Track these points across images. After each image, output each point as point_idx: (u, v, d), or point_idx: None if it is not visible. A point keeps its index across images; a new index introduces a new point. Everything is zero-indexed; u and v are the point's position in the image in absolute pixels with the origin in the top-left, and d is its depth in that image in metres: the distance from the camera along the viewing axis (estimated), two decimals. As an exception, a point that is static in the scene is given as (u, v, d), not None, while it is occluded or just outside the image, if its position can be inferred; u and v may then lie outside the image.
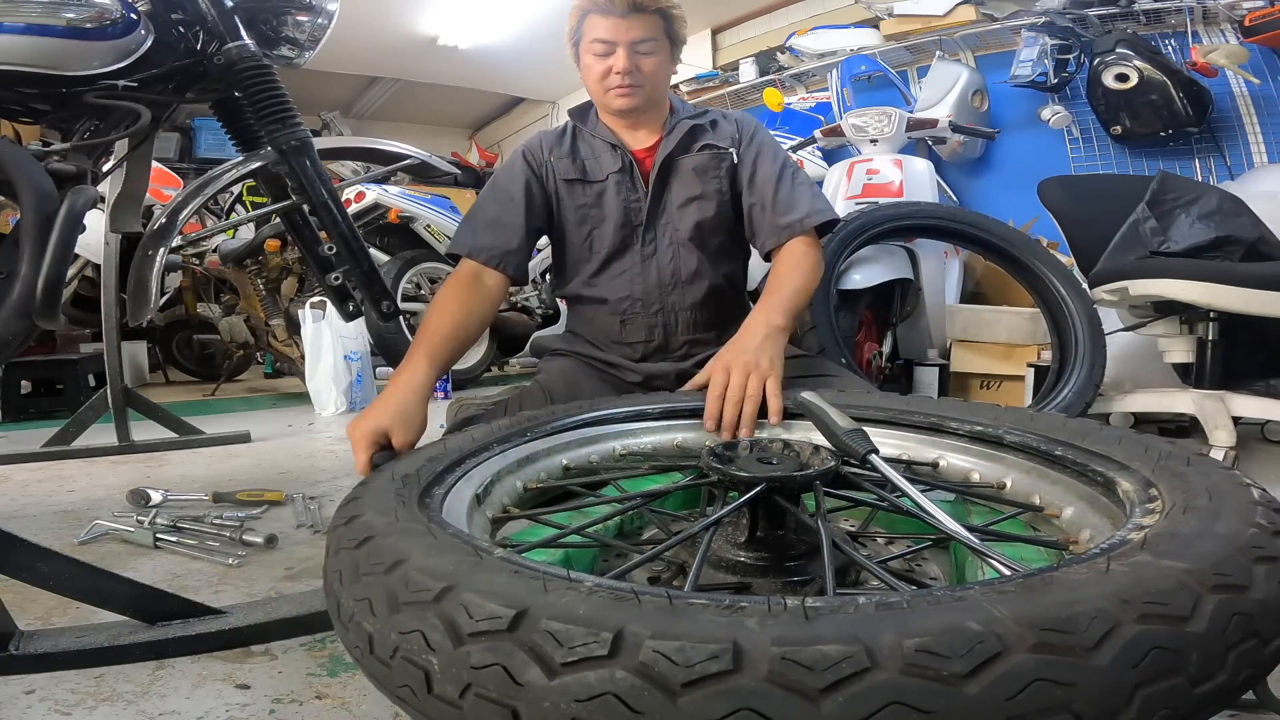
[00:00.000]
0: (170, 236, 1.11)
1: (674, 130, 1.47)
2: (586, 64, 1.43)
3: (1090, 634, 0.39)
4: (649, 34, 1.38)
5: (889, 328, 2.55)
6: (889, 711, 0.36)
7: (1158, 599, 0.42)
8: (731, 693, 0.37)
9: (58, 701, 0.79)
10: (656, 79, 1.43)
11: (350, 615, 0.53)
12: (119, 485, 1.70)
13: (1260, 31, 2.79)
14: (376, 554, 0.55)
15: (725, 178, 1.48)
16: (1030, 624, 0.39)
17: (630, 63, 1.38)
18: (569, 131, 1.52)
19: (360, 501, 0.68)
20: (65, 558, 0.87)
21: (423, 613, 0.47)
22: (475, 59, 5.45)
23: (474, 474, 0.85)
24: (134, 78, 1.10)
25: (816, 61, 3.95)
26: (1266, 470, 1.79)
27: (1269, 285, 1.70)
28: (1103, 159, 3.32)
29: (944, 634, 0.39)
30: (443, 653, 0.44)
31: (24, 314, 0.86)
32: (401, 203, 3.52)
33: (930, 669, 0.37)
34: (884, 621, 0.40)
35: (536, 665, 0.41)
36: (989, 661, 0.37)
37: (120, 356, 2.15)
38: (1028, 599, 0.42)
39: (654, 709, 0.38)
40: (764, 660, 0.38)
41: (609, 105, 1.44)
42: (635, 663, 0.39)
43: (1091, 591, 0.42)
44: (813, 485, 0.75)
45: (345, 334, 2.88)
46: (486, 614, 0.44)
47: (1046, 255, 2.25)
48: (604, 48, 1.39)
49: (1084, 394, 1.98)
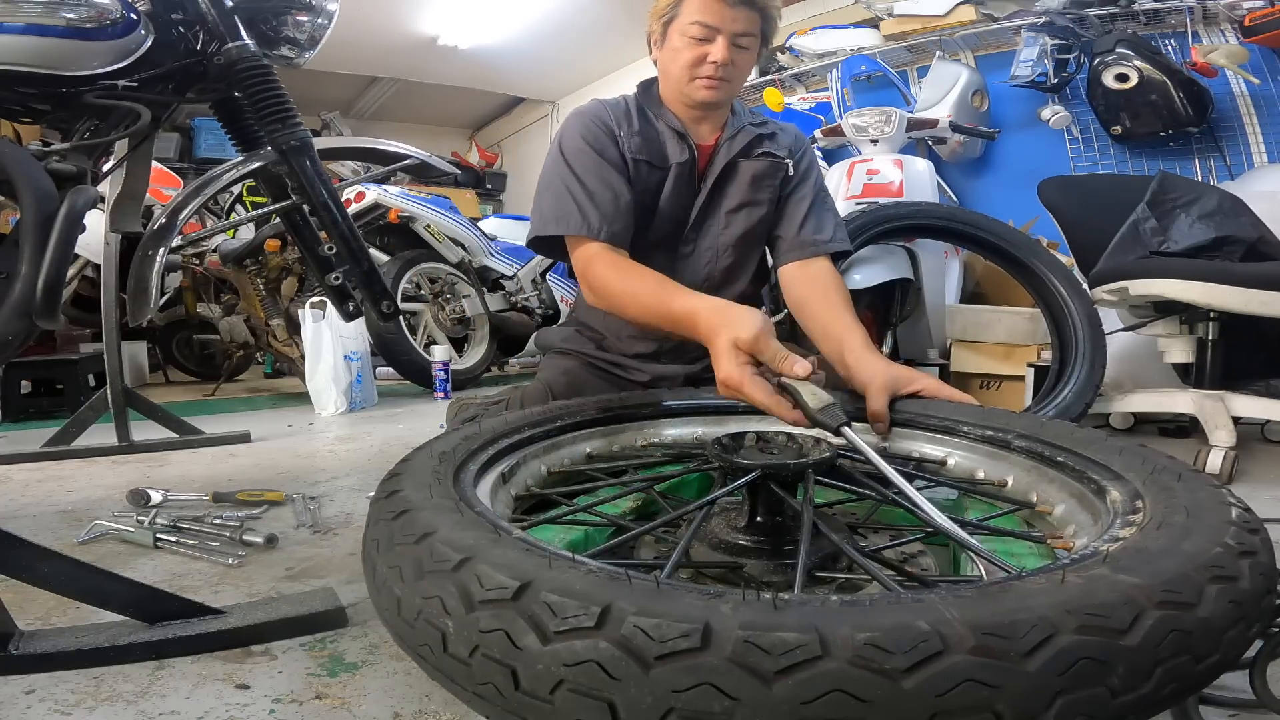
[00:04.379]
0: (170, 236, 1.11)
1: (739, 133, 1.42)
2: (676, 46, 1.34)
3: (1026, 641, 0.42)
4: (750, 28, 1.31)
5: (889, 328, 2.55)
6: (832, 698, 0.40)
7: (1099, 611, 0.44)
8: (697, 668, 0.41)
9: (58, 701, 0.79)
10: (743, 77, 1.38)
11: (383, 580, 0.58)
12: (119, 485, 1.70)
13: (1260, 31, 2.79)
14: (409, 526, 0.60)
15: (778, 187, 1.45)
16: (974, 627, 0.42)
17: (729, 53, 1.31)
18: (634, 109, 1.42)
19: (400, 478, 0.73)
20: (65, 558, 0.87)
21: (442, 580, 0.52)
22: (475, 59, 5.46)
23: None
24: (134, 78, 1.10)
25: (816, 61, 3.94)
26: (1266, 470, 1.79)
27: (1269, 285, 1.70)
28: (1103, 159, 3.31)
29: (893, 630, 0.42)
30: (456, 617, 0.50)
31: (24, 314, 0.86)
32: (401, 203, 3.52)
33: (874, 662, 0.40)
34: (843, 615, 0.43)
35: (533, 632, 0.46)
36: (928, 659, 0.40)
37: (120, 356, 2.15)
38: (980, 604, 0.45)
39: (629, 677, 0.42)
40: (729, 641, 0.42)
41: (691, 95, 1.36)
42: (617, 635, 0.44)
43: (1041, 600, 0.45)
44: (805, 474, 0.78)
45: (345, 334, 2.88)
46: (496, 584, 0.49)
47: (1047, 255, 2.25)
48: (705, 32, 1.30)
49: (1084, 394, 1.98)
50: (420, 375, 3.30)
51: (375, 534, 0.64)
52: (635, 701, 0.42)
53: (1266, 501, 1.49)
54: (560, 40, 5.13)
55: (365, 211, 3.49)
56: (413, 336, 3.45)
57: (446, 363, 3.29)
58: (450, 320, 3.71)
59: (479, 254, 3.78)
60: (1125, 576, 0.48)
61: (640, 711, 0.42)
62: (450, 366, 3.33)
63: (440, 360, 3.27)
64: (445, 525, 0.59)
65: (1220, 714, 0.73)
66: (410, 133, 6.47)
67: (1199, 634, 0.46)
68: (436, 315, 3.68)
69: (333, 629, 0.96)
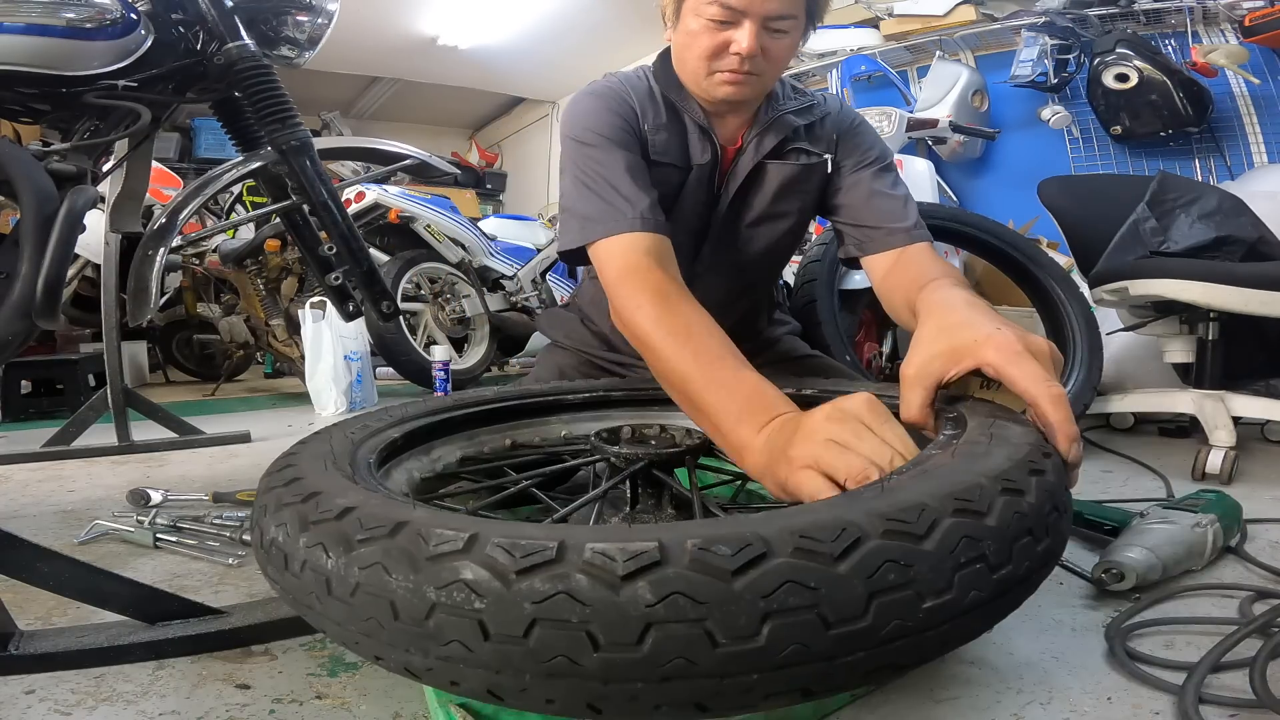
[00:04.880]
0: (170, 236, 1.11)
1: (770, 128, 1.17)
2: (691, 30, 1.06)
3: (837, 544, 0.48)
4: (788, 8, 1.02)
5: (889, 328, 2.55)
6: (672, 600, 0.45)
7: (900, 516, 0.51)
8: (555, 577, 0.47)
9: (58, 701, 0.79)
10: (780, 68, 1.10)
11: (271, 540, 0.62)
12: (119, 485, 1.70)
13: (1260, 31, 2.80)
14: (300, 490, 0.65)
15: (814, 192, 1.22)
16: (793, 532, 0.49)
17: (758, 43, 1.02)
18: (659, 95, 1.18)
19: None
20: (65, 558, 0.87)
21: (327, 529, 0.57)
22: (475, 59, 5.46)
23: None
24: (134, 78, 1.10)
25: (816, 61, 3.94)
26: (1267, 470, 1.79)
27: (1269, 285, 1.70)
28: (1103, 159, 3.32)
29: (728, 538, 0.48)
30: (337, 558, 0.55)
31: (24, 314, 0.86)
32: (401, 203, 3.52)
33: (709, 565, 0.46)
34: (683, 530, 0.49)
35: (407, 562, 0.51)
36: (753, 562, 0.46)
37: (120, 356, 2.15)
38: (800, 515, 0.52)
39: (494, 597, 0.48)
40: (578, 551, 0.47)
41: (709, 92, 1.11)
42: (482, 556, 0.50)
43: (838, 511, 0.52)
44: (684, 460, 0.88)
45: (345, 334, 2.88)
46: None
47: (1044, 258, 2.25)
48: (726, 14, 1.02)
49: (1082, 395, 1.98)
50: (420, 375, 3.30)
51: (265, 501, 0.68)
52: (501, 616, 0.47)
53: (1267, 501, 1.49)
54: (560, 40, 5.13)
55: (365, 211, 3.49)
56: (413, 336, 3.45)
57: (446, 363, 3.29)
58: (450, 320, 3.71)
59: (479, 254, 3.77)
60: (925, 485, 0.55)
61: (508, 624, 0.46)
62: (450, 366, 3.33)
63: (440, 360, 3.27)
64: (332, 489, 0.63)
65: (1220, 714, 0.73)
66: (410, 133, 6.47)
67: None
68: (436, 315, 3.68)
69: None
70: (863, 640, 0.47)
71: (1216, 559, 1.15)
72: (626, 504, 0.92)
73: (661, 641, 0.45)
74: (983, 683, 0.81)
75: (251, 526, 0.68)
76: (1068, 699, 0.77)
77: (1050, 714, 0.75)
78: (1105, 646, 0.88)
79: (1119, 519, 1.22)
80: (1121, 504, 1.36)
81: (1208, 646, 0.82)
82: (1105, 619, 0.95)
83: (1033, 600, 1.01)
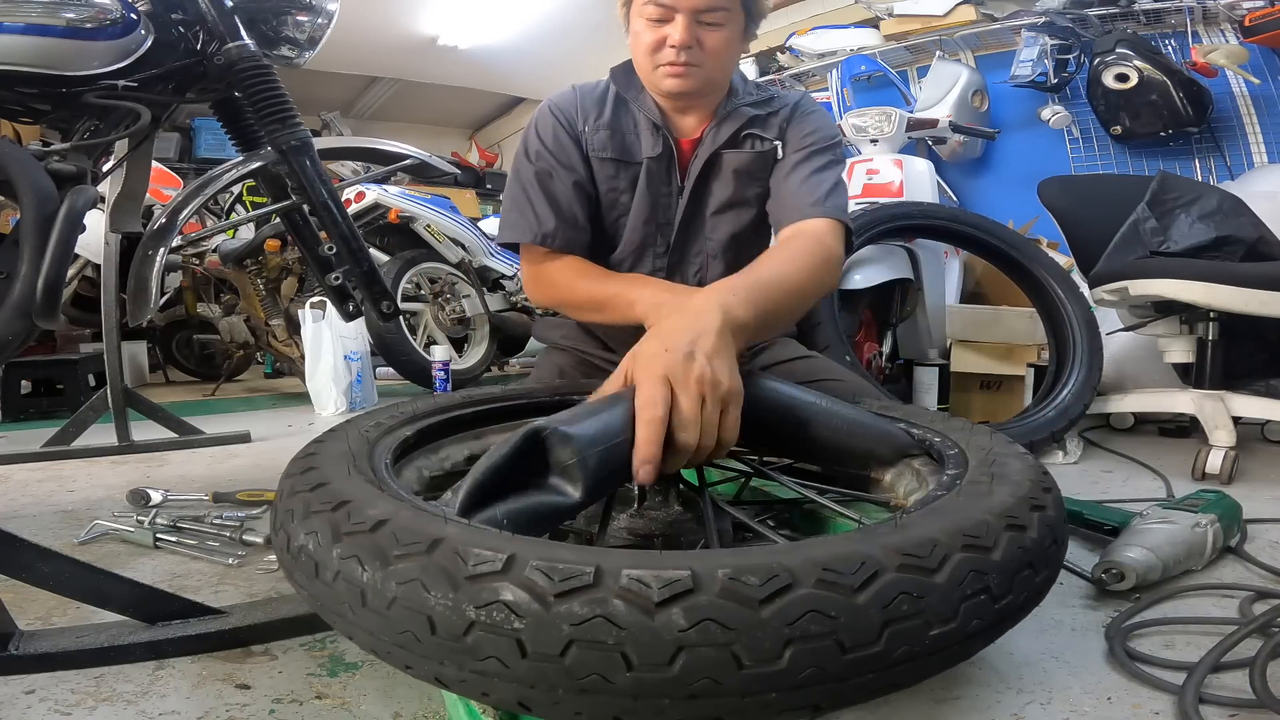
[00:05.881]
0: (170, 236, 1.11)
1: (727, 119, 1.24)
2: (636, 31, 1.19)
3: (857, 577, 0.52)
4: (718, 2, 1.13)
5: (889, 328, 2.55)
6: (704, 626, 0.48)
7: (914, 550, 0.55)
8: (593, 601, 0.49)
9: (58, 701, 0.79)
10: (720, 59, 1.18)
11: (300, 547, 0.63)
12: (119, 485, 1.70)
13: (1260, 31, 2.79)
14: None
15: (767, 179, 1.28)
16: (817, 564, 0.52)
17: (690, 35, 1.13)
18: (611, 98, 1.28)
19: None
20: (65, 558, 0.87)
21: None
22: (475, 59, 5.45)
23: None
24: (134, 78, 1.10)
25: (816, 61, 3.94)
26: (1267, 470, 1.79)
27: (1269, 285, 1.70)
28: (1103, 159, 3.31)
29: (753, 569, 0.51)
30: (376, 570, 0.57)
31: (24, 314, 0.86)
32: (401, 203, 3.51)
33: (739, 593, 0.49)
34: (715, 560, 0.52)
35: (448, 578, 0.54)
36: (780, 592, 0.50)
37: (120, 356, 2.15)
38: (821, 547, 0.55)
39: (533, 618, 0.50)
40: (614, 577, 0.50)
41: (657, 85, 1.21)
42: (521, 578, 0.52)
43: (857, 545, 0.56)
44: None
45: (345, 334, 2.88)
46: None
47: (1044, 257, 2.25)
48: (661, 12, 1.13)
49: (1082, 395, 1.98)
50: (420, 375, 3.30)
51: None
52: (540, 636, 0.49)
53: (1266, 501, 1.49)
54: (560, 40, 5.13)
55: (365, 211, 3.48)
56: (413, 336, 3.45)
57: (446, 363, 3.29)
58: (450, 320, 3.71)
59: (479, 254, 3.77)
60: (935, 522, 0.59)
61: (546, 643, 0.49)
62: (450, 366, 3.33)
63: (440, 360, 3.27)
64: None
65: (1220, 714, 0.73)
66: (410, 133, 6.47)
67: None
68: (436, 315, 3.68)
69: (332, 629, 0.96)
70: (874, 664, 0.51)
71: (1216, 559, 1.15)
72: (634, 500, 0.92)
73: (691, 663, 0.48)
74: (983, 683, 0.81)
75: (274, 529, 0.69)
76: (1068, 699, 0.77)
77: (1050, 714, 0.75)
78: (1105, 646, 0.88)
79: (1119, 519, 1.22)
80: (1121, 504, 1.36)
81: (1208, 646, 0.82)
82: (1105, 619, 0.95)
83: (1033, 600, 1.01)
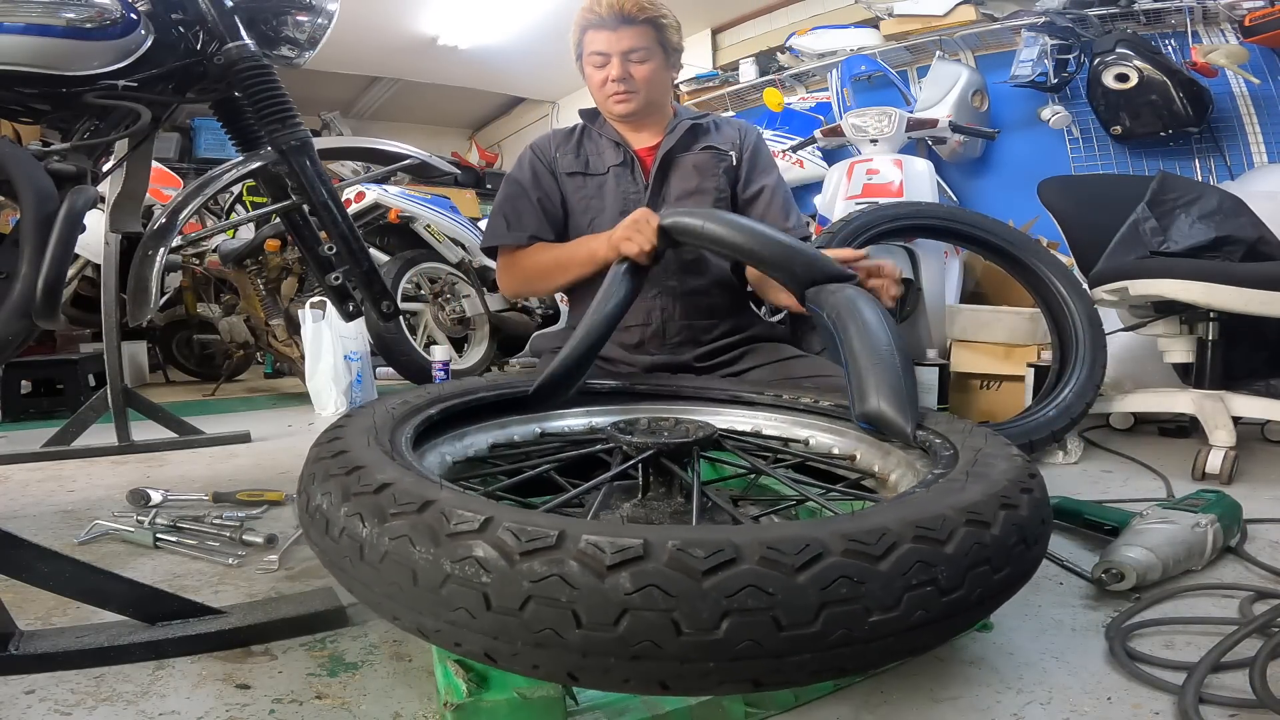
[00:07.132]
0: (170, 236, 1.10)
1: (675, 129, 1.57)
2: (588, 74, 1.56)
3: (799, 558, 0.55)
4: (640, 43, 1.49)
5: (889, 328, 2.55)
6: (648, 591, 0.52)
7: (860, 537, 0.57)
8: (552, 561, 0.54)
9: (58, 701, 0.79)
10: (651, 84, 1.53)
11: (317, 506, 0.69)
12: (119, 485, 1.70)
13: (1260, 31, 2.79)
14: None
15: (724, 177, 1.58)
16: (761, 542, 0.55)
17: (623, 70, 1.50)
18: (578, 131, 1.63)
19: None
20: (65, 558, 0.87)
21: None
22: (475, 59, 5.45)
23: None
24: (134, 78, 1.10)
25: (816, 61, 3.94)
26: (1267, 470, 1.79)
27: (1269, 285, 1.70)
28: (1103, 159, 3.31)
29: (699, 543, 0.55)
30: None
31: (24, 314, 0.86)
32: (401, 203, 3.51)
33: (684, 564, 0.53)
34: (669, 532, 0.56)
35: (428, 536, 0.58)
36: (722, 565, 0.53)
37: (120, 356, 2.15)
38: (772, 530, 0.58)
39: (498, 574, 0.55)
40: (575, 541, 0.54)
41: (610, 111, 1.56)
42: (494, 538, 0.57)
43: (807, 529, 0.59)
44: (692, 450, 0.93)
45: (345, 334, 2.88)
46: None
47: (1047, 255, 2.25)
48: (600, 59, 1.51)
49: (1084, 394, 1.97)
50: (420, 375, 3.29)
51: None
52: (503, 590, 0.54)
53: (1266, 501, 1.49)
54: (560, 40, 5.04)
55: (365, 211, 3.48)
56: (413, 336, 3.45)
57: (446, 363, 3.28)
58: (450, 320, 3.70)
59: (479, 254, 3.77)
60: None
61: (508, 598, 0.53)
62: (450, 366, 3.33)
63: (440, 360, 3.27)
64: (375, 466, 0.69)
65: (1220, 714, 0.73)
66: (410, 133, 6.47)
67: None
68: (436, 315, 3.68)
69: (333, 629, 0.96)
70: (810, 644, 0.53)
71: (1216, 559, 1.15)
72: (639, 491, 0.94)
73: (634, 625, 0.52)
74: (983, 683, 0.81)
75: (299, 491, 0.75)
76: (1068, 699, 0.77)
77: (1050, 714, 0.75)
78: (1105, 646, 0.88)
79: (1119, 519, 1.22)
80: (1121, 504, 1.36)
81: (1208, 646, 0.82)
82: (1105, 619, 0.95)
83: (1033, 600, 1.01)
